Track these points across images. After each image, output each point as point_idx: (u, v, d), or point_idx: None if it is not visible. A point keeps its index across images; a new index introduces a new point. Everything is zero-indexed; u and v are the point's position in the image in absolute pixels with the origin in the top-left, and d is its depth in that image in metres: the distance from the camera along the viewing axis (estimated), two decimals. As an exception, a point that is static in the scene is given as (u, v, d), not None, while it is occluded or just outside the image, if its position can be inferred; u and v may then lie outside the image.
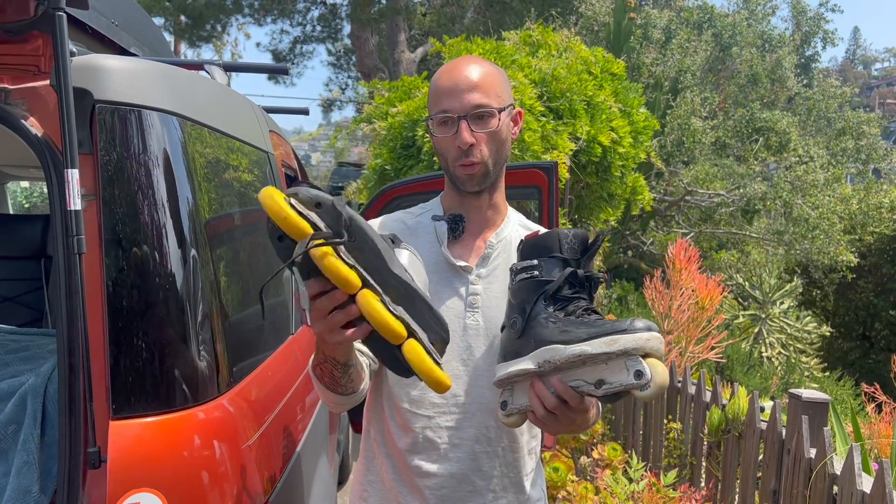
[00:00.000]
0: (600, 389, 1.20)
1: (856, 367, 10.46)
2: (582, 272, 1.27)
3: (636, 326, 1.18)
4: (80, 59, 1.30)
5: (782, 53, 12.05)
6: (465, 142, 1.42)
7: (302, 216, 1.06)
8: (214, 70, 2.26)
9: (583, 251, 1.29)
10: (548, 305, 1.26)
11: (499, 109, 1.44)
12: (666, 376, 1.17)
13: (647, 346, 1.17)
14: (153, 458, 1.23)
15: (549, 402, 1.25)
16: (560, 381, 1.23)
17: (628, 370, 1.17)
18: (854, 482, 2.26)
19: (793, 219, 9.93)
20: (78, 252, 1.18)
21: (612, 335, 1.17)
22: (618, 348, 1.16)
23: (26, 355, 1.66)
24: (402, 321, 1.12)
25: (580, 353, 1.19)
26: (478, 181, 1.47)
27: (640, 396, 1.17)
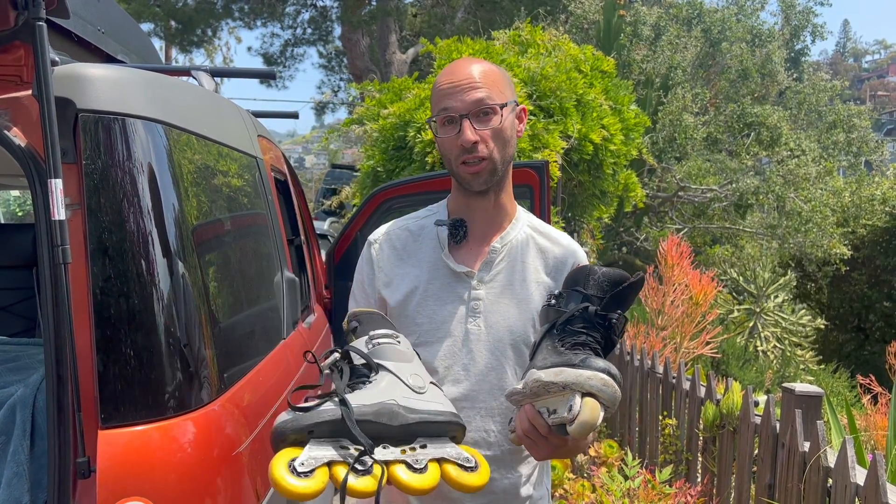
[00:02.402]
0: (550, 418, 1.25)
1: (851, 358, 10.49)
2: (594, 309, 1.29)
3: (588, 363, 1.22)
4: (63, 68, 1.30)
5: (772, 48, 12.06)
6: (468, 140, 1.42)
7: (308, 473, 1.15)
8: (201, 76, 2.26)
9: (611, 291, 1.30)
10: (555, 335, 1.30)
11: (500, 105, 1.44)
12: (592, 416, 1.19)
13: (586, 383, 1.20)
14: (143, 467, 1.23)
15: (522, 425, 1.30)
16: (531, 407, 1.29)
17: (567, 403, 1.22)
18: (848, 475, 2.27)
19: (786, 212, 9.95)
20: (63, 262, 1.17)
21: (562, 367, 1.23)
22: (560, 380, 1.22)
23: (16, 366, 1.66)
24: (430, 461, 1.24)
25: (537, 379, 1.25)
26: (484, 179, 1.47)
27: (570, 431, 1.21)
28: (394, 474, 1.20)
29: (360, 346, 1.34)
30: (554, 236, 1.61)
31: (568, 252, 1.58)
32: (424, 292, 1.52)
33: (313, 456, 1.17)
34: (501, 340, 1.50)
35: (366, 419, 1.21)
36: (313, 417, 1.18)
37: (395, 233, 1.60)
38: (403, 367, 1.33)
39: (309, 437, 1.19)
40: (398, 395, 1.26)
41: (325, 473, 1.16)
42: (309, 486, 1.13)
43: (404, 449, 1.24)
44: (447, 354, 1.50)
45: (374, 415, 1.21)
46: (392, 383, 1.28)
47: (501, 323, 1.51)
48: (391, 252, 1.58)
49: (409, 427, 1.24)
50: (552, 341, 1.30)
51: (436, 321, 1.51)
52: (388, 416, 1.23)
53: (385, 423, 1.22)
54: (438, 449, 1.27)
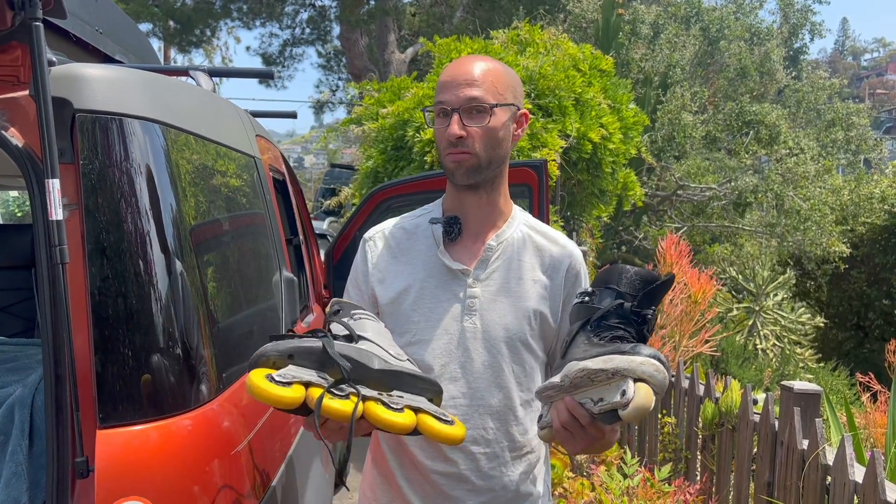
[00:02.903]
0: (597, 406, 1.25)
1: (850, 356, 10.49)
2: (629, 305, 1.30)
3: (637, 350, 1.23)
4: (60, 68, 1.30)
5: (771, 46, 12.07)
6: (453, 133, 1.44)
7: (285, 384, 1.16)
8: (199, 76, 2.26)
9: (643, 290, 1.32)
10: (590, 330, 1.31)
11: (492, 105, 1.45)
12: (648, 400, 1.20)
13: (637, 368, 1.21)
14: (141, 467, 1.23)
15: (561, 417, 1.29)
16: (571, 398, 1.28)
17: (618, 389, 1.22)
18: (846, 472, 2.27)
19: (785, 211, 9.96)
20: (61, 262, 1.17)
21: (611, 355, 1.24)
22: (611, 367, 1.22)
23: (14, 366, 1.66)
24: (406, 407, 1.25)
25: (583, 368, 1.25)
26: (466, 173, 1.47)
27: (623, 416, 1.22)
28: (370, 408, 1.21)
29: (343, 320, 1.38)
30: (551, 235, 1.61)
31: (565, 252, 1.59)
32: (420, 290, 1.52)
33: (292, 373, 1.18)
34: (497, 338, 1.51)
35: (347, 355, 1.23)
36: (296, 343, 1.22)
37: (390, 231, 1.61)
38: (383, 340, 1.37)
39: (290, 362, 1.21)
40: (379, 353, 1.30)
41: (301, 389, 1.17)
42: (285, 392, 1.14)
43: (382, 392, 1.26)
44: (443, 352, 1.50)
45: (356, 353, 1.25)
46: (373, 348, 1.32)
47: (497, 321, 1.51)
48: (386, 250, 1.58)
49: (388, 374, 1.27)
50: (587, 336, 1.31)
51: (432, 319, 1.51)
52: (368, 359, 1.26)
53: (365, 363, 1.25)
54: (416, 400, 1.29)
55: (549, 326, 1.55)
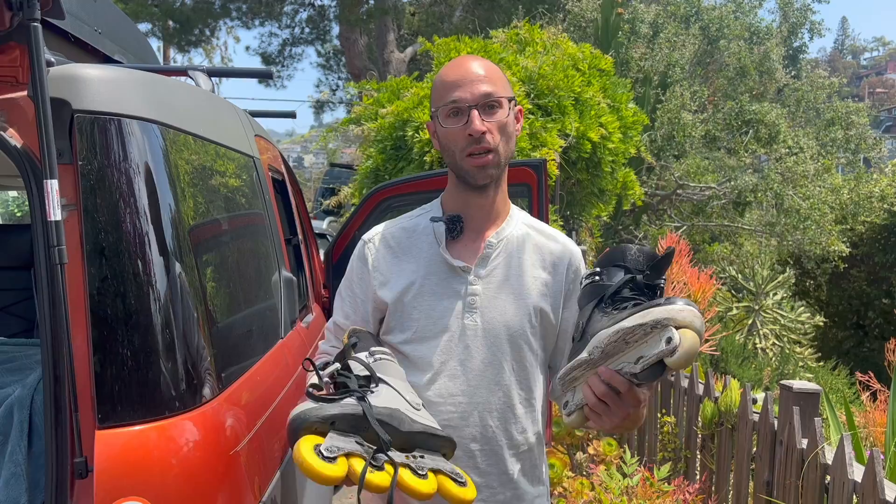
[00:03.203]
0: (639, 365, 1.23)
1: (850, 356, 10.50)
2: (642, 278, 1.31)
3: (671, 301, 1.22)
4: (58, 68, 1.30)
5: (770, 45, 12.06)
6: (477, 129, 1.43)
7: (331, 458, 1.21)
8: (198, 76, 2.26)
9: (649, 264, 1.33)
10: (605, 306, 1.31)
11: (507, 99, 1.47)
12: (695, 343, 1.18)
13: (678, 316, 1.19)
14: (140, 467, 1.23)
15: (598, 389, 1.27)
16: (606, 368, 1.27)
17: (661, 340, 1.19)
18: (845, 471, 2.27)
19: (784, 210, 9.95)
20: (59, 262, 1.17)
21: (646, 309, 1.22)
22: (650, 319, 1.20)
23: (13, 366, 1.66)
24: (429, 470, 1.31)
25: (618, 329, 1.24)
26: (489, 172, 1.48)
27: (671, 363, 1.19)
28: (401, 475, 1.26)
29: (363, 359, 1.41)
30: (550, 233, 1.62)
31: (565, 249, 1.60)
32: (421, 287, 1.53)
33: (337, 445, 1.22)
34: (498, 336, 1.51)
35: (381, 419, 1.27)
36: (338, 408, 1.25)
37: (389, 232, 1.61)
38: (401, 385, 1.40)
39: (330, 429, 1.24)
40: (402, 405, 1.34)
41: (345, 463, 1.21)
42: (334, 470, 1.19)
43: (408, 455, 1.30)
44: (444, 350, 1.51)
45: (388, 416, 1.28)
46: (394, 396, 1.35)
47: (498, 318, 1.51)
48: (386, 251, 1.58)
49: (414, 436, 1.31)
50: (603, 311, 1.31)
51: (432, 317, 1.51)
52: (399, 421, 1.29)
53: (396, 426, 1.29)
54: (436, 461, 1.34)
55: (550, 323, 1.55)
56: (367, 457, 1.24)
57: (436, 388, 1.50)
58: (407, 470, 1.27)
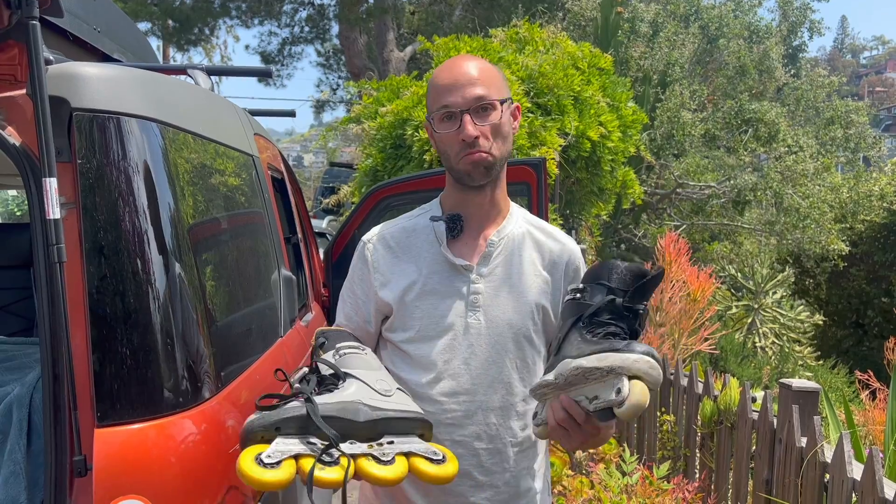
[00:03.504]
0: (592, 404, 1.26)
1: (849, 354, 10.51)
2: (622, 301, 1.30)
3: (631, 348, 1.23)
4: (57, 66, 1.30)
5: (770, 44, 12.07)
6: (470, 135, 1.43)
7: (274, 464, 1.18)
8: (197, 74, 2.26)
9: (634, 285, 1.32)
10: (583, 327, 1.31)
11: (500, 101, 1.46)
12: (643, 398, 1.21)
13: (632, 366, 1.21)
14: (140, 465, 1.23)
15: (557, 415, 1.30)
16: (566, 396, 1.29)
17: (613, 387, 1.22)
18: (845, 470, 2.27)
19: (784, 209, 9.96)
20: (58, 261, 1.17)
21: (606, 353, 1.24)
22: (605, 364, 1.23)
23: (12, 365, 1.66)
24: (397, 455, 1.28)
25: (577, 367, 1.26)
26: (484, 173, 1.48)
27: (618, 414, 1.22)
28: (361, 466, 1.23)
29: (328, 358, 1.40)
30: (550, 231, 1.62)
31: (565, 249, 1.60)
32: (423, 287, 1.53)
33: (280, 449, 1.20)
34: (502, 334, 1.51)
35: (330, 415, 1.25)
36: (280, 413, 1.23)
37: (389, 232, 1.61)
38: (369, 374, 1.37)
39: (277, 434, 1.22)
40: (364, 396, 1.31)
41: (291, 465, 1.19)
42: (275, 476, 1.16)
43: (371, 444, 1.28)
44: (447, 349, 1.51)
45: (338, 411, 1.26)
46: (359, 387, 1.33)
47: (501, 317, 1.51)
48: (386, 251, 1.58)
49: (375, 423, 1.29)
50: (580, 333, 1.31)
51: (435, 316, 1.51)
52: (353, 413, 1.27)
53: (350, 418, 1.26)
54: (407, 443, 1.31)
55: (550, 321, 1.56)
56: (316, 454, 1.21)
57: (439, 386, 1.50)
58: (368, 459, 1.25)
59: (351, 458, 1.23)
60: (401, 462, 1.27)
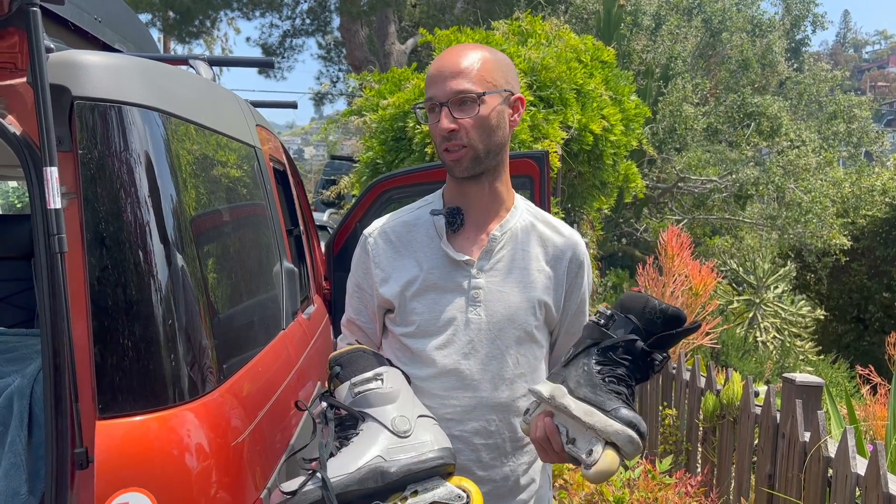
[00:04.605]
0: (567, 446, 1.30)
1: (850, 349, 10.51)
2: (641, 345, 1.29)
3: (619, 414, 1.24)
4: (58, 55, 1.28)
5: (772, 38, 12.03)
6: (443, 128, 1.43)
7: None
8: (199, 65, 2.24)
9: (663, 329, 1.30)
10: (596, 354, 1.31)
11: (480, 94, 1.42)
12: (610, 467, 1.23)
13: (612, 436, 1.23)
14: (141, 458, 1.22)
15: (537, 433, 1.34)
16: (551, 422, 1.33)
17: (590, 444, 1.25)
18: (848, 464, 2.26)
19: (785, 203, 9.94)
20: (59, 251, 1.16)
21: (595, 408, 1.26)
22: (588, 421, 1.25)
23: (13, 356, 1.65)
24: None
25: (566, 406, 1.28)
26: (466, 167, 1.46)
27: (584, 475, 1.25)
28: None
29: (344, 395, 1.41)
30: (555, 225, 1.60)
31: (568, 243, 1.57)
32: (424, 282, 1.51)
33: None
34: (503, 330, 1.50)
35: (352, 489, 1.27)
36: (301, 502, 1.25)
37: (390, 226, 1.59)
38: (388, 411, 1.37)
39: None
40: (383, 447, 1.31)
41: None
42: None
43: (396, 502, 1.29)
44: (447, 344, 1.49)
45: (359, 482, 1.27)
46: (377, 433, 1.34)
47: (502, 312, 1.50)
48: (387, 246, 1.57)
49: (398, 481, 1.30)
50: (589, 361, 1.31)
51: (436, 311, 1.50)
52: (374, 479, 1.28)
53: (371, 486, 1.28)
54: (429, 494, 1.31)
55: (552, 317, 1.54)
56: None
57: (439, 381, 1.49)
58: None
59: None
60: None
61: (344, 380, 1.42)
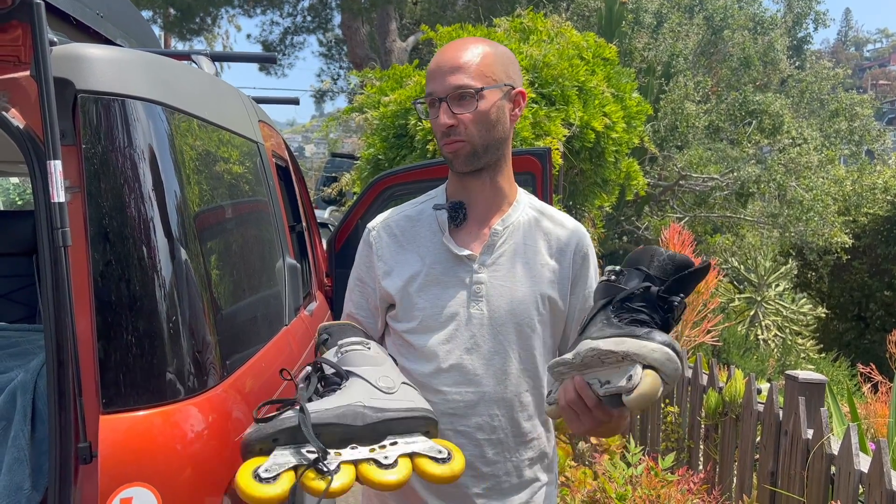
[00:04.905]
0: (603, 388, 1.22)
1: (851, 347, 10.51)
2: (657, 290, 1.25)
3: (651, 336, 1.19)
4: (62, 48, 1.28)
5: (774, 36, 12.01)
6: (442, 123, 1.43)
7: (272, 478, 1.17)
8: (201, 60, 2.24)
9: (675, 274, 1.26)
10: (612, 311, 1.27)
11: (478, 89, 1.42)
12: (653, 389, 1.16)
13: (649, 355, 1.17)
14: (145, 452, 1.21)
15: (568, 396, 1.26)
16: (580, 377, 1.25)
17: (626, 373, 1.18)
18: (852, 462, 2.26)
19: (787, 201, 9.93)
20: (63, 245, 1.16)
21: (624, 338, 1.20)
22: (622, 349, 1.18)
23: (15, 351, 1.65)
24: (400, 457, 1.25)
25: (593, 348, 1.22)
26: (464, 160, 1.46)
27: (626, 402, 1.18)
28: (363, 472, 1.22)
29: (330, 357, 1.38)
30: (558, 218, 1.59)
31: (572, 235, 1.57)
32: (426, 277, 1.51)
33: (277, 462, 1.19)
34: (505, 325, 1.49)
35: (328, 422, 1.23)
36: (275, 426, 1.21)
37: (393, 220, 1.59)
38: (372, 371, 1.35)
39: (274, 446, 1.21)
40: (365, 396, 1.29)
41: (289, 478, 1.18)
42: (272, 491, 1.15)
43: (373, 448, 1.26)
44: (449, 339, 1.49)
45: (336, 417, 1.24)
46: (360, 386, 1.30)
47: (504, 307, 1.49)
48: (390, 240, 1.56)
49: (376, 426, 1.27)
50: (607, 315, 1.27)
51: (438, 306, 1.50)
52: (352, 417, 1.25)
53: (349, 423, 1.24)
54: (411, 443, 1.28)
55: (559, 311, 1.53)
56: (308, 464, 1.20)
57: (442, 377, 1.49)
58: (370, 463, 1.23)
59: (353, 463, 1.22)
60: (404, 464, 1.25)
61: (331, 346, 1.41)
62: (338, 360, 1.36)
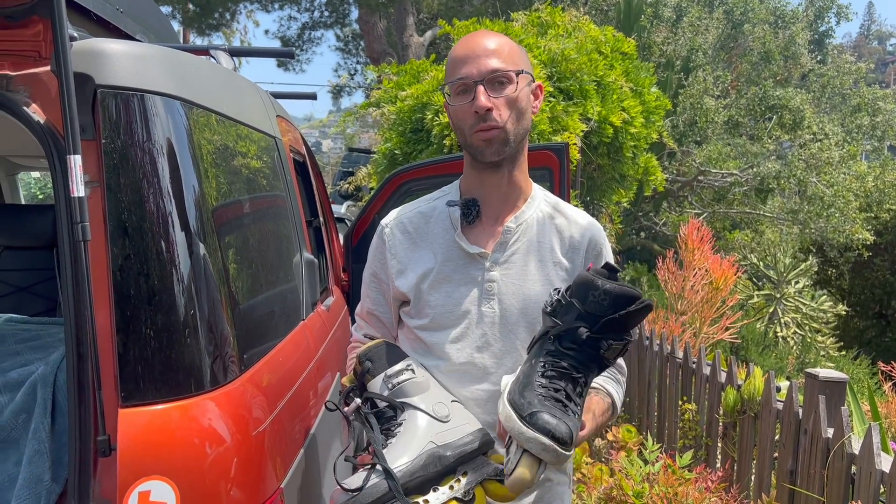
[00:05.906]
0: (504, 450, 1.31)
1: (872, 345, 10.38)
2: (585, 331, 1.21)
3: (534, 420, 1.19)
4: (81, 43, 1.28)
5: (795, 29, 11.87)
6: (482, 105, 1.40)
7: None
8: (220, 55, 2.24)
9: (614, 312, 1.20)
10: (547, 344, 1.28)
11: (516, 73, 1.42)
12: (523, 476, 1.19)
13: (525, 444, 1.20)
14: (163, 446, 1.22)
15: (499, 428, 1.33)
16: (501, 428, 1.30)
17: (514, 449, 1.23)
18: (873, 461, 2.23)
19: (807, 197, 9.82)
20: (83, 239, 1.16)
21: (516, 414, 1.22)
22: (508, 427, 1.24)
23: (36, 344, 1.66)
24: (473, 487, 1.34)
25: (500, 408, 1.28)
26: (497, 149, 1.44)
27: (504, 483, 1.26)
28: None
29: (378, 387, 1.42)
30: (571, 215, 1.57)
31: (586, 232, 1.55)
32: (438, 274, 1.50)
33: None
34: (516, 323, 1.48)
35: (417, 476, 1.29)
36: (367, 498, 1.27)
37: (407, 216, 1.58)
38: (426, 399, 1.40)
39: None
40: (430, 433, 1.35)
41: None
42: None
43: (451, 485, 1.32)
44: (461, 337, 1.48)
45: (422, 468, 1.31)
46: (421, 420, 1.36)
47: (516, 305, 1.48)
48: (404, 237, 1.56)
49: (452, 464, 1.34)
50: (540, 351, 1.28)
51: (449, 303, 1.49)
52: (434, 464, 1.32)
53: (432, 470, 1.31)
54: (478, 473, 1.36)
55: None
56: None
57: (453, 375, 1.48)
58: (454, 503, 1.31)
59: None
60: (479, 494, 1.33)
61: (375, 374, 1.43)
62: (390, 394, 1.41)
